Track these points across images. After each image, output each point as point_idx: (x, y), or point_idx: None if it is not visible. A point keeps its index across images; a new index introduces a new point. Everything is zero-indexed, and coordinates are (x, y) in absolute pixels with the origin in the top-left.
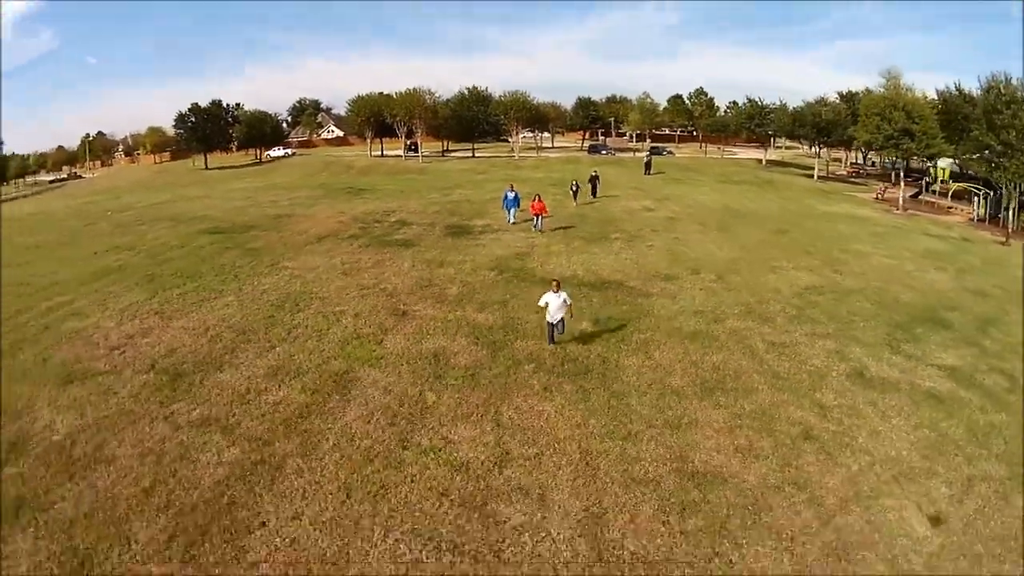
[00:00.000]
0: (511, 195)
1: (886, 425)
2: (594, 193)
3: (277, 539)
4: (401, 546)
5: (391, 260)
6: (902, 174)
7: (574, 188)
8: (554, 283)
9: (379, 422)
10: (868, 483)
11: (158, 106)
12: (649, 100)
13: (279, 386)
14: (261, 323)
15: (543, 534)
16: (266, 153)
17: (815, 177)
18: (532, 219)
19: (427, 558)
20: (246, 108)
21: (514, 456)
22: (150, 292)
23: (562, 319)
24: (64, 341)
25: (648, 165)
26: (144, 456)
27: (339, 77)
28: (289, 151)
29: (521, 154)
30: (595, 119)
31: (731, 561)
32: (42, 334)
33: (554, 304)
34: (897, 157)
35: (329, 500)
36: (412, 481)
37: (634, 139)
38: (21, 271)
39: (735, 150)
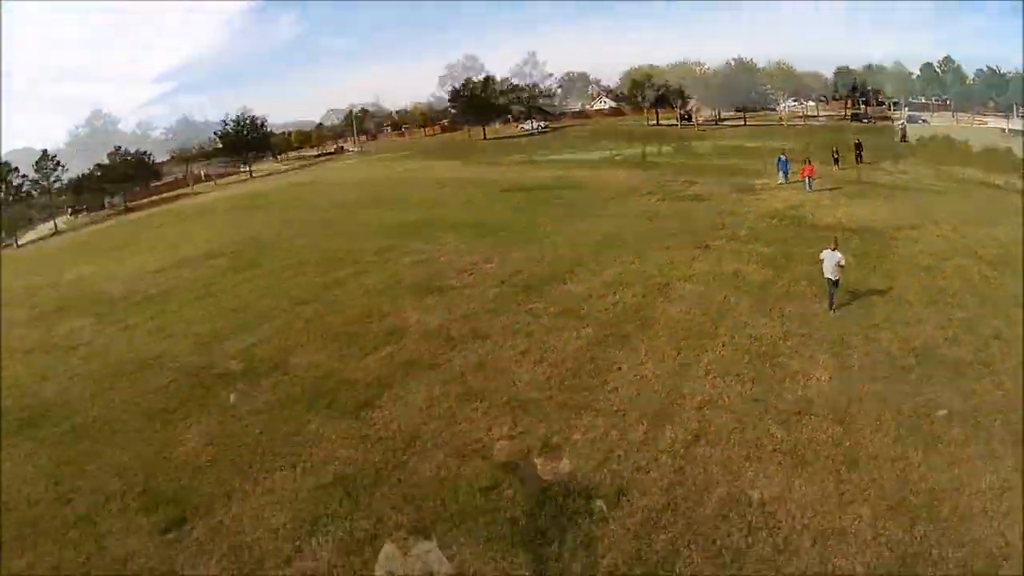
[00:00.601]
0: (783, 159)
1: None
2: (858, 159)
3: (629, 375)
4: (716, 379)
5: (688, 210)
6: None
7: (836, 155)
8: (833, 240)
9: (695, 313)
10: None
11: (414, 81)
12: (903, 69)
13: (615, 292)
14: (589, 253)
15: (811, 375)
16: (520, 126)
17: None
18: (802, 180)
19: (733, 384)
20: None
21: (793, 334)
22: (479, 234)
23: (837, 280)
24: (408, 268)
25: (904, 133)
26: (514, 334)
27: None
28: (542, 124)
29: (788, 122)
30: (854, 88)
31: (930, 399)
32: (384, 264)
33: (830, 261)
34: None
35: (665, 355)
36: (723, 346)
37: (891, 108)
38: (334, 226)
39: (985, 119)
